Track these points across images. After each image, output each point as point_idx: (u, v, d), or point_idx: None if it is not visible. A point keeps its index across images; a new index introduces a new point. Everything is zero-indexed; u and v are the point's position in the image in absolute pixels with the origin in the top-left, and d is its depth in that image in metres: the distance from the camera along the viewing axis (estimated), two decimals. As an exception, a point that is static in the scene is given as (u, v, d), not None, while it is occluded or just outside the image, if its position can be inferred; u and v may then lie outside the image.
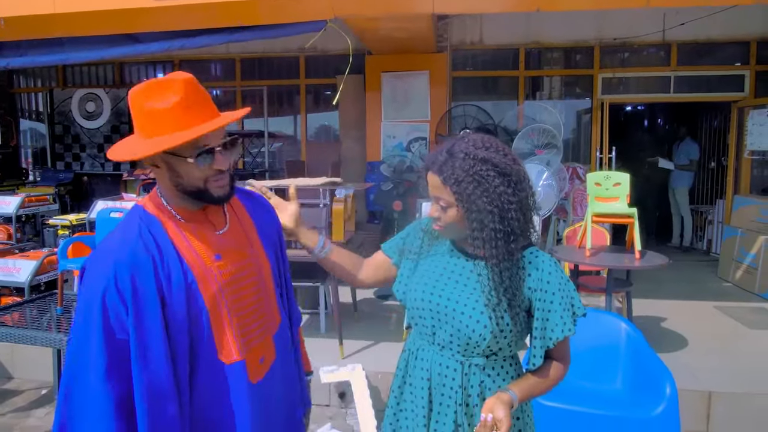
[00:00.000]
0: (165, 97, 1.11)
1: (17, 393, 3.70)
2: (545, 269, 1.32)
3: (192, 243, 1.19)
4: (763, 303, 4.97)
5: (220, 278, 1.20)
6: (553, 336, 1.31)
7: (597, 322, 2.99)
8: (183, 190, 1.17)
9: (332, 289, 3.87)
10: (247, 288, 1.26)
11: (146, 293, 1.11)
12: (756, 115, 5.87)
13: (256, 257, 1.31)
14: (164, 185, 1.20)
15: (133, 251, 1.12)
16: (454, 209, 1.32)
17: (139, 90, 1.13)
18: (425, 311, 1.39)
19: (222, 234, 1.25)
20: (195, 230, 1.21)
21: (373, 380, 3.38)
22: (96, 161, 7.74)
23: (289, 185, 1.56)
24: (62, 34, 4.54)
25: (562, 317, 1.30)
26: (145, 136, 1.13)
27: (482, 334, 1.30)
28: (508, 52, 6.74)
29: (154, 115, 1.11)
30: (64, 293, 3.17)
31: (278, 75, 7.26)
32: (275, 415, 1.33)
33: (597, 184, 3.89)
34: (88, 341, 1.11)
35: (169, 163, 1.15)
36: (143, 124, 1.13)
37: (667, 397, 2.48)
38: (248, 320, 1.25)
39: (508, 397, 1.26)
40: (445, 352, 1.36)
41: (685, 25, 6.08)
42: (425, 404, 1.38)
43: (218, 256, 1.21)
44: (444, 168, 1.31)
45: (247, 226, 1.33)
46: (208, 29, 4.41)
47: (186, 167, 1.15)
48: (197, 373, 1.18)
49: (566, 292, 1.32)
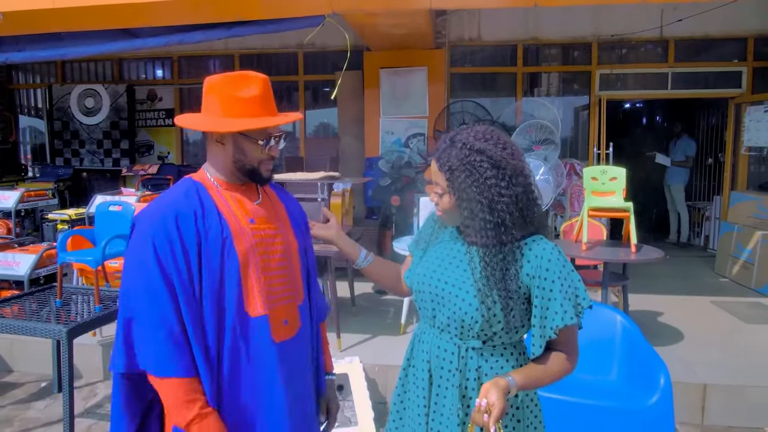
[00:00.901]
0: (249, 88, 1.33)
1: (17, 386, 3.72)
2: (545, 256, 1.30)
3: (231, 205, 1.37)
4: (759, 298, 4.99)
5: (252, 238, 1.36)
6: (552, 324, 1.29)
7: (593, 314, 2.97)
8: (240, 167, 1.38)
9: (330, 284, 3.89)
10: (275, 254, 1.41)
11: (187, 239, 1.28)
12: (753, 111, 5.89)
13: (285, 231, 1.47)
14: (220, 160, 1.39)
15: (178, 205, 1.31)
16: (447, 196, 1.36)
17: (224, 79, 1.34)
18: (426, 294, 1.42)
19: (259, 204, 1.43)
20: (234, 197, 1.40)
21: (370, 373, 3.40)
22: (95, 157, 7.75)
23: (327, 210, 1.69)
24: (61, 29, 4.55)
25: (562, 305, 1.28)
26: (224, 116, 1.32)
27: (474, 316, 1.31)
28: (506, 48, 6.75)
29: (239, 101, 1.32)
30: (63, 286, 3.19)
31: (277, 71, 7.26)
32: (299, 378, 1.44)
33: (593, 178, 3.91)
34: (144, 277, 1.26)
35: (238, 142, 1.36)
36: (227, 107, 1.32)
37: (661, 387, 2.50)
38: (275, 281, 1.39)
39: (505, 382, 1.24)
40: (444, 335, 1.39)
41: (683, 21, 6.09)
42: (426, 386, 1.41)
43: (252, 220, 1.39)
44: (442, 155, 1.35)
45: (278, 206, 1.51)
46: (207, 24, 4.42)
47: (252, 147, 1.36)
48: (225, 320, 1.31)
49: (568, 281, 1.30)
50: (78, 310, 3.06)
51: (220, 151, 1.37)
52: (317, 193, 4.07)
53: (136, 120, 7.68)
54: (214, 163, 1.41)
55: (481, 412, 1.20)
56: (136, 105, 7.64)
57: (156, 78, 7.81)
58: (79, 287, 3.62)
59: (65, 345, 2.64)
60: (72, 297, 3.23)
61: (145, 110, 7.67)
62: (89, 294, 3.27)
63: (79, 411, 3.29)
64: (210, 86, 1.35)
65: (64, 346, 2.64)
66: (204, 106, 1.37)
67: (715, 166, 7.27)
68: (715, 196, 7.01)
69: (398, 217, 5.39)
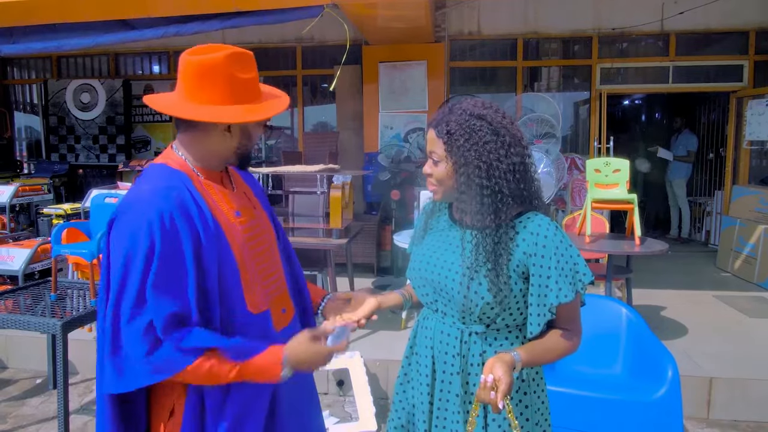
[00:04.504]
0: (251, 67, 1.23)
1: (11, 382, 3.66)
2: (540, 233, 1.26)
3: (216, 200, 1.26)
4: (762, 292, 4.96)
5: (242, 233, 1.27)
6: (548, 302, 1.25)
7: (597, 307, 2.96)
8: (242, 153, 1.29)
9: (330, 278, 3.84)
10: (262, 244, 1.34)
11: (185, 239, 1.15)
12: (755, 105, 5.85)
13: (262, 218, 1.39)
14: (215, 148, 1.25)
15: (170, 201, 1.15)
16: (444, 163, 1.32)
17: (228, 59, 1.18)
18: (425, 281, 1.39)
19: (235, 193, 1.33)
20: (217, 189, 1.28)
21: (371, 368, 3.35)
22: (91, 153, 7.67)
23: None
24: (55, 20, 4.47)
25: (557, 282, 1.24)
26: (231, 103, 1.19)
27: (473, 300, 1.28)
28: (506, 42, 6.70)
29: (245, 84, 1.21)
30: (58, 281, 3.13)
31: (275, 66, 7.20)
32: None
33: (596, 170, 3.87)
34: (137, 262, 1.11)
35: (247, 129, 1.27)
36: (238, 92, 1.19)
37: (669, 380, 2.46)
38: (268, 273, 1.33)
39: (510, 357, 1.20)
40: (447, 320, 1.36)
41: (684, 14, 6.05)
42: (429, 373, 1.38)
43: (238, 213, 1.29)
44: (441, 122, 1.32)
45: (247, 190, 1.41)
46: (204, 15, 4.36)
47: (258, 131, 1.30)
48: (228, 322, 1.21)
49: (565, 257, 1.26)
50: (73, 304, 3.00)
51: (223, 141, 1.24)
52: (317, 186, 4.02)
53: (133, 115, 7.61)
54: (203, 151, 1.25)
55: (488, 388, 1.15)
56: (133, 100, 7.56)
57: (152, 73, 7.74)
58: (74, 281, 3.56)
59: (60, 339, 2.58)
60: (67, 291, 3.17)
61: (141, 105, 7.60)
62: (85, 288, 3.21)
63: (75, 407, 3.24)
64: (210, 69, 1.18)
65: (59, 340, 2.59)
66: (196, 89, 1.19)
67: (716, 160, 7.23)
68: (716, 191, 6.97)
69: (398, 212, 5.34)
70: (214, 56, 1.18)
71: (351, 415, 3.16)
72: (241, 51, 1.22)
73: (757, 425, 3.09)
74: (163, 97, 1.26)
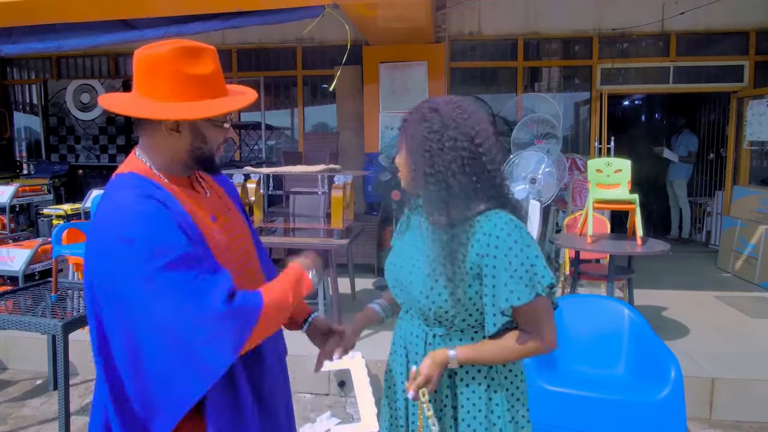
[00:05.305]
0: (204, 62, 1.13)
1: (12, 383, 3.65)
2: (493, 233, 1.23)
3: (191, 205, 1.18)
4: (763, 292, 4.95)
5: (221, 236, 1.21)
6: (500, 304, 1.23)
7: (599, 307, 2.96)
8: (198, 155, 1.18)
9: (331, 279, 3.83)
10: (240, 247, 1.29)
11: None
12: (755, 106, 5.85)
13: (237, 220, 1.34)
14: (169, 151, 1.17)
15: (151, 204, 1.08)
16: (402, 153, 1.36)
17: (172, 52, 1.09)
18: (394, 281, 1.42)
19: (209, 197, 1.27)
20: (189, 194, 1.21)
21: (372, 369, 3.34)
22: (91, 153, 7.66)
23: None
24: (55, 20, 4.47)
25: (506, 285, 1.22)
26: (177, 99, 1.11)
27: (426, 303, 1.30)
28: (506, 42, 6.70)
29: (195, 80, 1.11)
30: (58, 281, 3.12)
31: (275, 66, 7.20)
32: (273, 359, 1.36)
33: (598, 170, 3.86)
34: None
35: (198, 128, 1.16)
36: (181, 88, 1.11)
37: (672, 380, 2.45)
38: (248, 278, 1.28)
39: (443, 354, 1.27)
40: (414, 321, 1.39)
41: (684, 15, 6.06)
42: (403, 371, 1.41)
43: (213, 218, 1.23)
44: (407, 115, 1.36)
45: (221, 192, 1.35)
46: (205, 15, 4.35)
47: (214, 132, 1.18)
48: None
49: (519, 258, 1.22)
50: (74, 305, 2.99)
51: (173, 141, 1.15)
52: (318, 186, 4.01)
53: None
54: (160, 154, 1.17)
55: (411, 379, 1.28)
56: (133, 100, 7.56)
57: (152, 73, 7.72)
58: (75, 282, 3.55)
59: (61, 340, 2.57)
60: (68, 292, 3.16)
61: (141, 106, 7.59)
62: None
63: (75, 408, 3.23)
64: (156, 62, 1.10)
65: (60, 341, 2.58)
66: (145, 86, 1.13)
67: (716, 161, 7.23)
68: (716, 191, 6.97)
69: (399, 212, 5.33)
70: (158, 51, 1.10)
71: (353, 416, 3.15)
72: (192, 45, 1.13)
73: (759, 426, 3.08)
74: (117, 96, 1.23)
